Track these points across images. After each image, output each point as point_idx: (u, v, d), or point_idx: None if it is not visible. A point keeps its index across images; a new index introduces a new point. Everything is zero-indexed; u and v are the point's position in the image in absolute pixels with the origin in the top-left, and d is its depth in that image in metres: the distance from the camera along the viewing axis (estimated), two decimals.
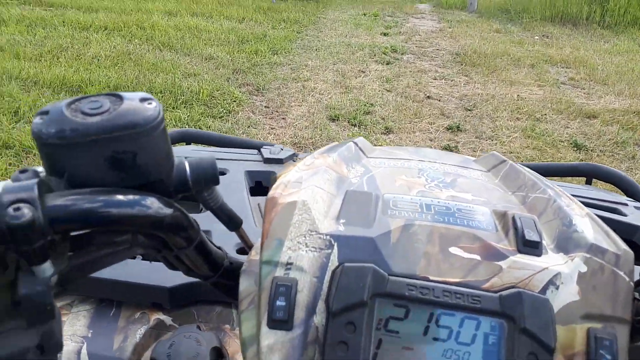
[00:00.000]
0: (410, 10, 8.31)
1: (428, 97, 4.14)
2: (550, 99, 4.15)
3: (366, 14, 7.48)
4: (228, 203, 0.42)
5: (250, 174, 0.68)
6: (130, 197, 0.32)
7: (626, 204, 0.67)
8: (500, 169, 0.48)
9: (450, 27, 6.98)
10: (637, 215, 0.64)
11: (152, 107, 0.34)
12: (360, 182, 0.43)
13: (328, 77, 4.46)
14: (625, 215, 0.64)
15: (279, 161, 0.71)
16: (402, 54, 5.41)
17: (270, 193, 0.40)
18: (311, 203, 0.38)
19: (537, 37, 6.76)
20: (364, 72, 4.70)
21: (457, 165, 0.48)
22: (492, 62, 5.14)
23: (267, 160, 0.71)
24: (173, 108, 3.51)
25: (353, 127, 3.50)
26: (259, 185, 0.68)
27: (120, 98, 0.34)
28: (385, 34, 6.24)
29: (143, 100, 0.34)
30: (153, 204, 0.33)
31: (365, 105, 3.85)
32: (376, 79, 4.49)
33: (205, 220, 0.50)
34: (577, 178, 0.89)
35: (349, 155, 0.47)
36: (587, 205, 0.57)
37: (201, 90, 3.75)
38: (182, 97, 3.66)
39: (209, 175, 0.37)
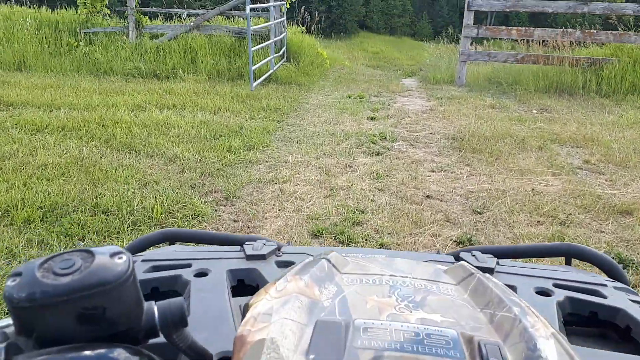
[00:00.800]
0: (396, 88, 7.96)
1: (428, 196, 3.52)
2: (571, 192, 3.55)
3: (351, 96, 7.07)
4: (209, 306, 0.51)
5: (232, 272, 0.64)
6: (98, 351, 0.33)
7: (605, 285, 0.64)
8: (469, 282, 0.48)
9: (441, 106, 6.55)
10: (617, 296, 0.61)
11: (122, 262, 0.36)
12: (332, 306, 0.43)
13: (310, 176, 3.86)
14: (605, 297, 0.60)
15: (262, 257, 0.68)
16: (393, 141, 4.87)
17: (240, 330, 0.40)
18: (280, 340, 0.38)
19: (535, 111, 6.32)
20: (351, 166, 4.12)
21: (428, 279, 0.49)
22: (495, 146, 4.59)
23: (250, 257, 0.68)
24: (118, 233, 2.85)
25: (340, 244, 2.84)
26: (242, 284, 0.64)
27: (92, 254, 0.36)
28: (372, 118, 5.75)
29: (114, 255, 0.37)
30: (120, 356, 0.34)
31: (354, 212, 3.21)
32: (366, 176, 3.90)
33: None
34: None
35: (321, 274, 0.48)
36: (565, 287, 0.62)
37: (156, 206, 3.11)
38: (132, 217, 3.01)
39: (177, 319, 0.39)
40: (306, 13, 10.40)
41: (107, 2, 9.00)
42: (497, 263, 0.69)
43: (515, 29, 8.27)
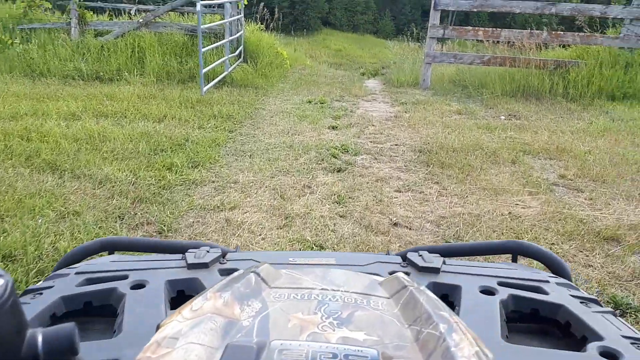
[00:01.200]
0: (359, 92, 7.55)
1: (395, 224, 3.11)
2: (551, 215, 3.21)
3: (311, 100, 6.62)
4: (143, 321, 0.48)
5: (171, 283, 0.61)
6: None
7: (548, 281, 0.65)
8: (401, 295, 0.48)
9: (406, 112, 6.17)
10: (558, 292, 0.62)
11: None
12: (251, 326, 0.42)
13: (263, 200, 3.39)
14: (547, 293, 0.62)
15: (204, 265, 0.65)
16: (356, 154, 4.45)
17: (139, 357, 0.37)
18: None
19: (503, 117, 6.03)
20: (309, 187, 3.67)
21: (361, 292, 0.48)
22: (465, 160, 4.24)
23: (191, 266, 0.65)
24: (17, 286, 2.31)
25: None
26: (182, 295, 0.61)
27: None
28: (334, 127, 5.32)
29: None
30: None
31: (311, 248, 2.76)
32: (326, 199, 3.45)
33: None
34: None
35: (246, 291, 0.46)
36: (509, 285, 0.63)
37: (70, 249, 2.58)
38: (39, 264, 2.47)
39: (65, 347, 0.35)
40: (266, 10, 9.85)
41: None
42: (444, 262, 0.68)
43: (482, 29, 8.00)
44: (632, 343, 0.50)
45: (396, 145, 4.76)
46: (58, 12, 8.32)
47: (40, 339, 0.35)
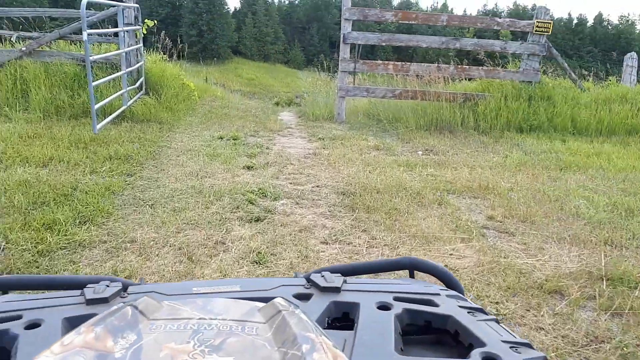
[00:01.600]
0: (275, 126, 7.18)
1: None
2: (489, 266, 2.98)
3: (223, 136, 6.13)
4: None
5: (69, 320, 0.59)
6: None
7: (439, 294, 0.69)
8: (274, 319, 0.49)
9: (324, 148, 5.89)
10: (447, 304, 0.66)
11: None
12: (123, 358, 0.41)
13: (166, 264, 2.83)
14: (437, 305, 0.65)
15: (104, 300, 0.63)
16: (275, 199, 4.02)
17: None
18: None
19: (421, 152, 5.95)
20: (223, 243, 3.17)
21: (239, 319, 0.50)
22: (390, 203, 3.97)
23: (90, 301, 0.63)
24: None
25: None
26: None
27: None
28: (249, 167, 4.86)
29: None
30: None
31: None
32: (243, 258, 2.98)
33: None
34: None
35: (121, 323, 0.46)
36: (403, 299, 0.66)
37: None
38: None
39: None
40: (167, 39, 9.24)
41: None
42: (344, 281, 0.70)
43: (392, 63, 8.02)
44: (510, 347, 0.54)
45: (318, 187, 4.40)
46: None
47: None
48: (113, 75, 6.23)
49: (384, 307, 0.64)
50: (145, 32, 7.40)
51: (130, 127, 6.06)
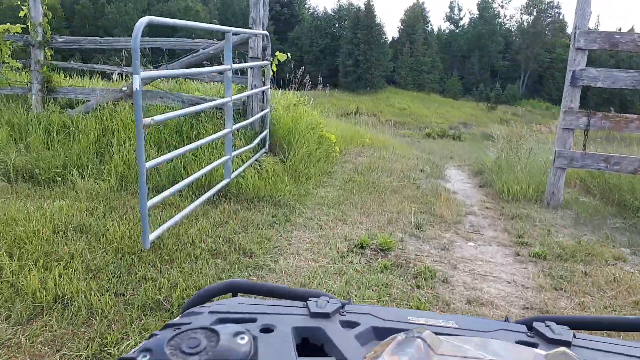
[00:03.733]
0: (448, 212, 4.56)
1: None
2: None
3: (366, 244, 3.64)
4: None
5: (297, 330, 0.62)
6: None
7: None
8: None
9: (555, 289, 3.08)
10: None
11: (245, 343, 0.40)
12: None
13: None
14: None
15: (326, 315, 0.66)
16: None
17: None
18: None
19: None
20: None
21: None
22: None
23: (314, 315, 0.66)
24: None
25: None
26: (306, 342, 0.62)
27: (217, 334, 0.41)
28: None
29: (236, 335, 0.41)
30: None
31: None
32: None
33: None
34: None
35: (419, 356, 0.46)
36: None
37: None
38: None
39: None
40: (306, 75, 7.23)
41: (13, 49, 5.94)
42: (574, 336, 0.64)
43: None
44: None
45: None
46: (24, 72, 6.04)
47: None
48: (219, 134, 4.15)
49: None
50: (274, 70, 5.40)
51: (221, 216, 3.94)
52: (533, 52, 60.40)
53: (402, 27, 64.52)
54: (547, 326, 0.65)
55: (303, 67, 7.42)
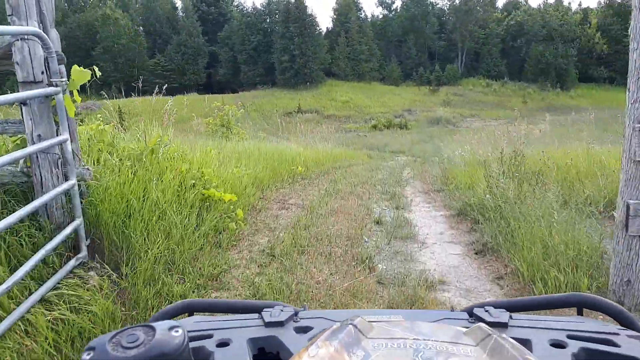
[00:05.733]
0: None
1: None
2: None
3: None
4: None
5: (252, 341, 0.66)
6: None
7: (618, 334, 0.64)
8: (486, 342, 0.50)
9: None
10: (630, 344, 0.60)
11: (179, 335, 0.42)
12: None
13: None
14: (619, 346, 0.60)
15: (280, 324, 0.69)
16: None
17: None
18: None
19: None
20: None
21: (449, 341, 0.50)
22: None
23: (268, 324, 0.69)
24: None
25: None
26: (262, 352, 0.66)
27: (153, 329, 0.43)
28: None
29: (171, 329, 0.43)
30: None
31: None
32: None
33: None
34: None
35: (349, 340, 0.49)
36: (579, 338, 0.62)
37: None
38: None
39: None
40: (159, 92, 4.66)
41: None
42: (510, 317, 0.69)
43: None
44: None
45: None
46: None
47: None
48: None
49: (559, 345, 0.61)
50: (79, 100, 2.81)
51: None
52: (467, 29, 59.84)
53: (335, 16, 62.31)
54: (486, 311, 0.69)
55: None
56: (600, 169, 4.71)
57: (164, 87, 5.19)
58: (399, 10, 68.52)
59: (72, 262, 2.64)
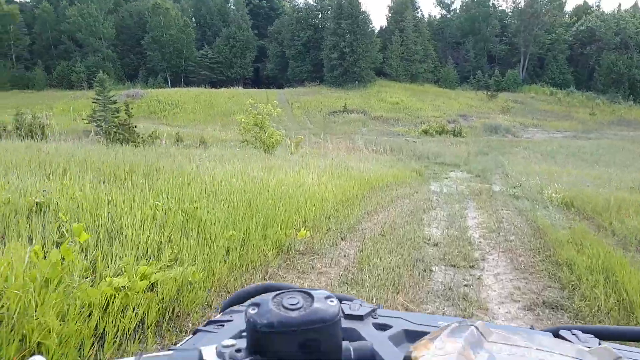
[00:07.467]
0: None
1: None
2: None
3: None
4: None
5: None
6: None
7: None
8: None
9: None
10: None
11: (334, 305, 0.45)
12: None
13: None
14: None
15: (359, 317, 0.70)
16: None
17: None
18: None
19: None
20: None
21: (575, 357, 0.48)
22: None
23: (348, 316, 0.70)
24: None
25: None
26: None
27: (311, 296, 0.46)
28: None
29: (327, 298, 0.46)
30: None
31: None
32: None
33: None
34: None
35: (473, 340, 0.49)
36: None
37: None
38: None
39: (368, 357, 0.49)
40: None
41: None
42: (599, 344, 0.64)
43: None
44: None
45: None
46: None
47: (351, 348, 0.48)
48: None
49: None
50: None
51: None
52: (532, 34, 55.75)
53: (390, 14, 59.60)
54: (574, 334, 0.67)
55: None
56: None
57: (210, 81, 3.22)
58: (458, 10, 65.06)
59: None
